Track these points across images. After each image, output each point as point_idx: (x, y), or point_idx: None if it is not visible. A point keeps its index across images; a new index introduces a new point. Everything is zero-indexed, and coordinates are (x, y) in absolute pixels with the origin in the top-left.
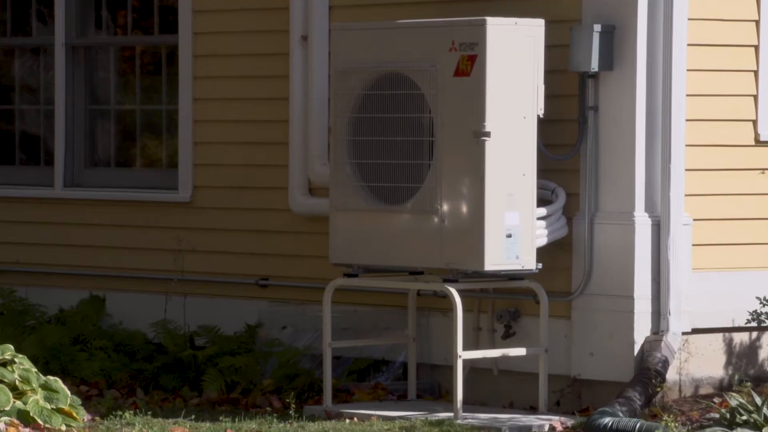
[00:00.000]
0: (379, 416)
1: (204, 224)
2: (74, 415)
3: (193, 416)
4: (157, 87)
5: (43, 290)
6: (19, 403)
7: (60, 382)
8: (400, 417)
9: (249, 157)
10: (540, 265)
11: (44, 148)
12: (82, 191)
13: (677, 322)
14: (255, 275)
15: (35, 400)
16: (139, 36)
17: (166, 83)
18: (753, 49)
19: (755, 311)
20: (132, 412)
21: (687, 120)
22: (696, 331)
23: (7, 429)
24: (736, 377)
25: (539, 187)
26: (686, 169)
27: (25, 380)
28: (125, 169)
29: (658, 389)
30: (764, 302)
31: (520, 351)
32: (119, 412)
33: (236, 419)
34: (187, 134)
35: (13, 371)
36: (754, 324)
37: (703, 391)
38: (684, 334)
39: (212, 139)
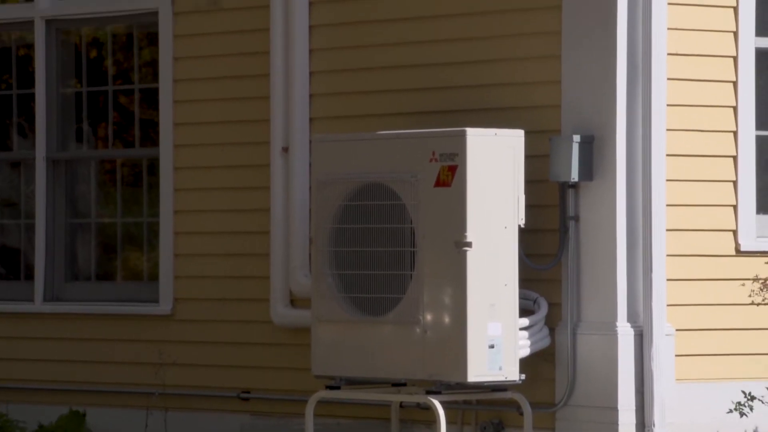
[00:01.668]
0: None
1: (185, 337)
2: None
3: None
4: (138, 199)
5: (23, 406)
6: None
7: None
8: None
9: (230, 268)
10: (523, 376)
11: (24, 262)
12: (62, 305)
13: None
14: (236, 388)
15: None
16: (119, 149)
17: (147, 195)
18: (732, 159)
19: (738, 402)
20: None
21: (668, 230)
22: None
23: None
24: None
25: (521, 297)
26: (668, 279)
27: None
28: (106, 282)
29: None
30: (748, 397)
31: None
32: None
33: None
34: (167, 246)
35: None
36: (736, 414)
37: None
38: None
39: (193, 251)
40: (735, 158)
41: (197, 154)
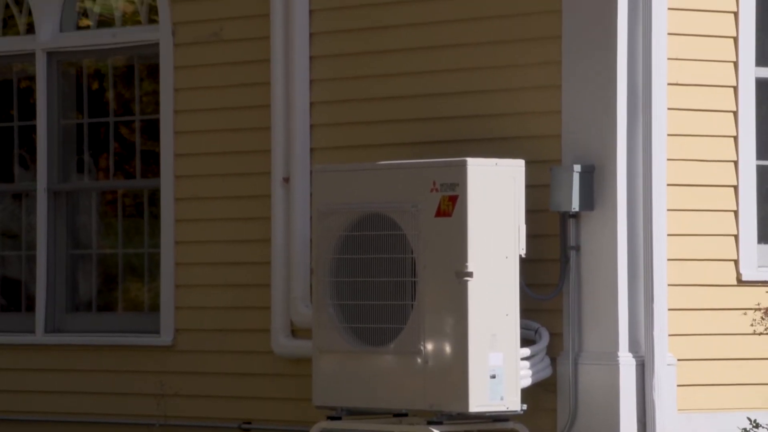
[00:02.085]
0: None
1: (186, 368)
2: None
3: None
4: (139, 229)
5: None
6: None
7: None
8: None
9: (231, 299)
10: (525, 406)
11: (25, 294)
12: (64, 336)
13: None
14: (238, 419)
15: None
16: (120, 180)
17: (148, 225)
18: (732, 189)
19: (744, 429)
20: None
21: (669, 259)
22: None
23: None
24: None
25: (522, 327)
26: (669, 309)
27: None
28: (107, 313)
29: None
30: (754, 424)
31: None
32: None
33: None
34: (168, 277)
35: None
36: None
37: None
38: None
39: (194, 282)
40: (736, 188)
41: (198, 185)
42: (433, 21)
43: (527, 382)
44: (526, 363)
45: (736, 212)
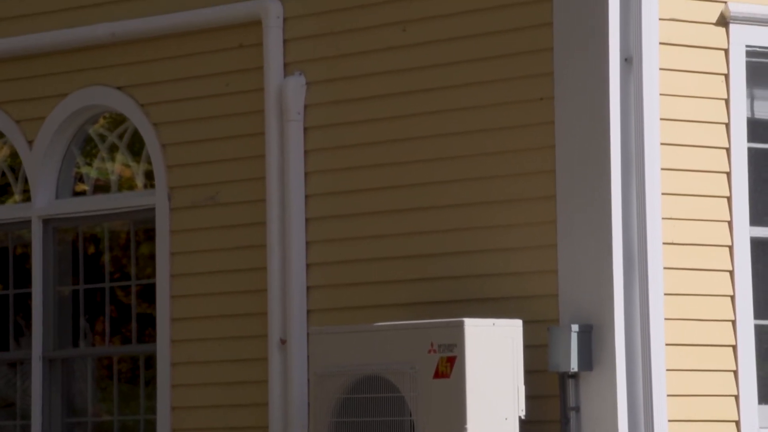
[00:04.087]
0: None
1: None
2: None
3: None
4: (135, 395)
5: None
6: None
7: None
8: None
9: None
10: None
11: None
12: None
13: None
14: None
15: None
16: (116, 346)
17: (144, 391)
18: (731, 348)
19: None
20: None
21: (670, 420)
22: None
23: None
24: None
25: None
26: None
27: None
28: None
29: None
30: None
31: None
32: None
33: None
34: None
35: None
36: None
37: None
38: None
39: None
40: (734, 347)
41: (194, 349)
42: (427, 182)
43: None
44: None
45: (735, 372)
